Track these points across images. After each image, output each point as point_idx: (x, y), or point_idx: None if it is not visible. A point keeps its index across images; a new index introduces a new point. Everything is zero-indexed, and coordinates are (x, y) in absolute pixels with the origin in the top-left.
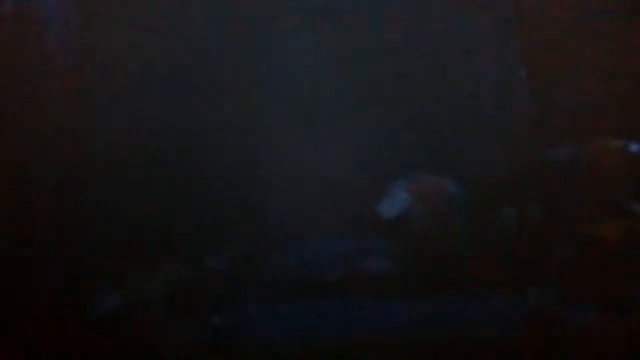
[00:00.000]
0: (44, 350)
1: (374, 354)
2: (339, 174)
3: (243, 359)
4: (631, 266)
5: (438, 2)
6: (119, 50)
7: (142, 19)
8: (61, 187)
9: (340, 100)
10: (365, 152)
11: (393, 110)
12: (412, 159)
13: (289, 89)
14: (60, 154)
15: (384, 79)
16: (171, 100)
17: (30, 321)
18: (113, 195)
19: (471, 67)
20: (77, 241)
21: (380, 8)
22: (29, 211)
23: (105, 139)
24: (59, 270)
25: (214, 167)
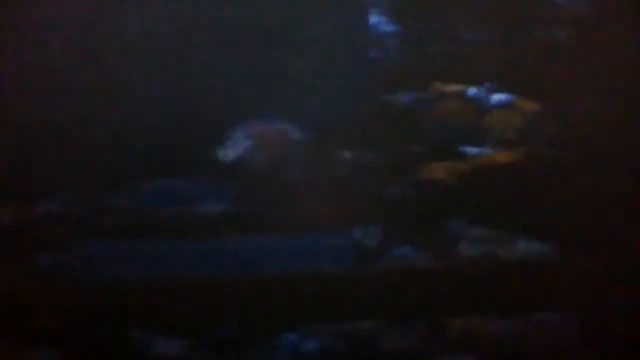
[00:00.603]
0: None
1: (207, 291)
2: (179, 117)
3: (74, 297)
4: (460, 205)
5: None
6: None
7: None
8: None
9: (183, 47)
10: (207, 97)
11: (234, 56)
12: (254, 104)
13: (128, 39)
14: None
15: (226, 27)
16: None
17: None
18: None
19: (315, 15)
20: None
21: None
22: None
23: None
24: None
25: (49, 111)
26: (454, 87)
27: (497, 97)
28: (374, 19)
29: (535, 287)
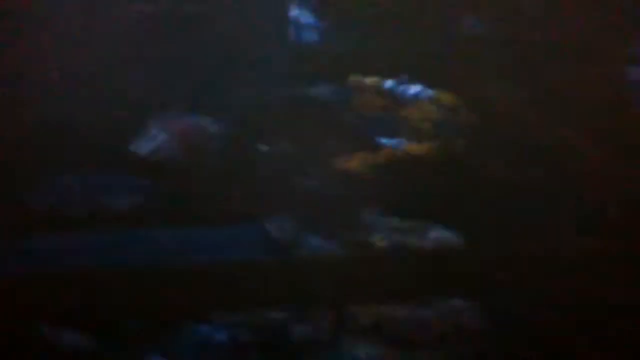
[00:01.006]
0: None
1: (116, 283)
2: (93, 111)
3: None
4: (373, 196)
5: None
6: None
7: None
8: None
9: (97, 40)
10: (122, 90)
11: (149, 48)
12: (172, 97)
13: (39, 30)
14: None
15: (141, 18)
16: None
17: None
18: None
19: (233, 7)
20: None
21: None
22: None
23: None
24: None
25: None
26: (371, 80)
27: (414, 89)
28: (292, 11)
29: (444, 275)
